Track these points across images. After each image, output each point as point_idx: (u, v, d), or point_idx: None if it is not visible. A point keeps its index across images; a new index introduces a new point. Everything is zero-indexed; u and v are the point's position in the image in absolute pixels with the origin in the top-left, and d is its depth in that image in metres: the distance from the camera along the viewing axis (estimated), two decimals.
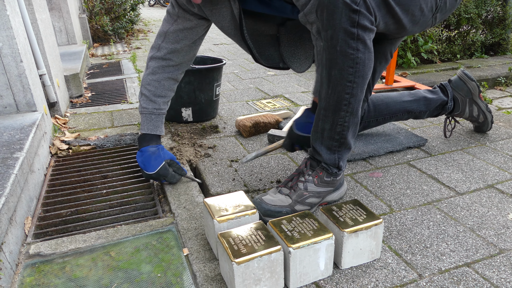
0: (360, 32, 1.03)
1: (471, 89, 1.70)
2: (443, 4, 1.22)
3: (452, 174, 1.47)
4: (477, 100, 1.72)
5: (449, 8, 1.26)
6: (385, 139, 1.74)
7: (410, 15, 1.14)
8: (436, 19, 1.26)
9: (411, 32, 1.25)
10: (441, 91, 1.72)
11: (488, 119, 1.76)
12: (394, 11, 1.09)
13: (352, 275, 1.00)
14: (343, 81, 1.09)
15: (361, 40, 1.04)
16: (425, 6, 1.16)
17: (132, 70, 3.32)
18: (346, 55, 1.05)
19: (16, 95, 1.59)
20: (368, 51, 1.06)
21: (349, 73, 1.07)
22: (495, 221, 1.20)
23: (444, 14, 1.27)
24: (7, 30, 1.49)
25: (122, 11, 5.11)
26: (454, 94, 1.71)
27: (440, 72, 3.20)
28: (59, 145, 1.75)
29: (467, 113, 1.73)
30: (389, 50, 1.44)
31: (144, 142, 1.40)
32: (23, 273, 1.02)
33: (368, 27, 1.04)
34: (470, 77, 1.70)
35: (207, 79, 1.93)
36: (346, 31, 1.03)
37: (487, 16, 3.74)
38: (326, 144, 1.19)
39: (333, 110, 1.14)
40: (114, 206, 1.34)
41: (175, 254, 1.08)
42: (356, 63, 1.06)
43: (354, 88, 1.10)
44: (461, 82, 1.70)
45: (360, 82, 1.09)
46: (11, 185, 1.09)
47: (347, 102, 1.11)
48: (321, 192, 1.23)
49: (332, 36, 1.05)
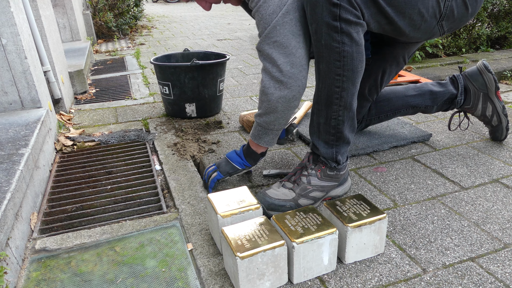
0: (343, 26, 1.04)
1: (486, 81, 1.55)
2: (450, 12, 1.17)
3: (456, 169, 1.47)
4: (492, 98, 1.57)
5: (458, 17, 1.20)
6: (389, 134, 1.73)
7: (408, 18, 1.12)
8: (444, 27, 1.21)
9: (415, 37, 1.23)
10: (451, 83, 1.61)
11: (503, 124, 1.60)
12: (385, 11, 1.08)
13: (356, 269, 1.00)
14: (331, 74, 1.10)
15: (345, 33, 1.04)
16: (425, 11, 1.13)
17: (136, 66, 3.33)
18: (331, 48, 1.06)
19: (21, 92, 1.60)
20: (355, 45, 1.06)
21: (337, 66, 1.08)
22: (500, 216, 1.19)
23: (453, 23, 1.22)
24: (12, 27, 1.49)
25: (126, 7, 5.10)
26: (466, 84, 1.58)
27: (445, 66, 3.18)
28: (64, 141, 1.76)
29: (479, 109, 1.59)
30: (401, 55, 1.42)
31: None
32: (29, 268, 1.03)
33: (353, 21, 1.04)
34: (488, 69, 1.55)
35: (210, 74, 1.93)
36: (329, 25, 1.04)
37: (493, 9, 3.70)
38: (324, 138, 1.20)
39: (325, 104, 1.15)
40: (119, 202, 1.35)
41: (179, 249, 1.09)
42: (343, 56, 1.06)
43: (344, 82, 1.10)
44: (477, 72, 1.57)
45: (350, 75, 1.09)
46: (16, 181, 1.10)
47: (338, 95, 1.12)
48: (325, 186, 1.23)
49: (316, 30, 1.07)
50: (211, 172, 1.34)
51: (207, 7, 1.29)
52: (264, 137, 1.28)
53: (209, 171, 1.35)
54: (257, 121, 1.26)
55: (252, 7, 1.11)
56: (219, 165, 1.34)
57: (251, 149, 1.33)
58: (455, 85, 1.60)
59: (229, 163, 1.34)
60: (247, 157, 1.33)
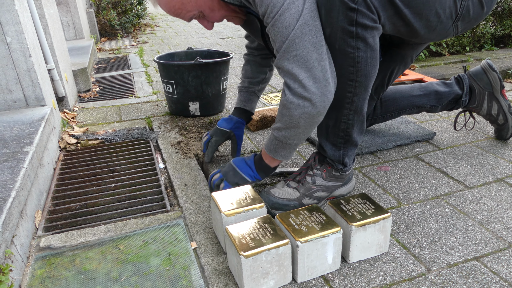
0: (359, 31, 1.00)
1: (491, 80, 1.54)
2: (466, 12, 1.12)
3: (461, 168, 1.46)
4: (498, 97, 1.56)
5: (473, 17, 1.16)
6: (393, 133, 1.72)
7: (425, 19, 1.08)
8: (458, 27, 1.17)
9: (428, 38, 1.18)
10: (457, 83, 1.60)
11: (509, 122, 1.59)
12: (402, 13, 1.04)
13: (360, 268, 1.00)
14: (344, 80, 1.06)
15: (361, 38, 1.01)
16: (442, 11, 1.08)
17: (139, 65, 3.33)
18: (345, 53, 1.03)
19: (25, 90, 1.61)
20: (370, 50, 1.03)
21: (350, 72, 1.05)
22: (504, 215, 1.19)
23: (468, 23, 1.17)
24: (16, 25, 1.50)
25: (129, 6, 5.11)
26: (471, 84, 1.57)
27: (449, 64, 3.16)
28: (68, 139, 1.76)
29: (485, 109, 1.59)
30: (409, 55, 1.40)
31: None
32: (34, 266, 1.04)
33: (369, 25, 1.00)
34: (492, 67, 1.55)
35: (214, 73, 1.93)
36: (344, 30, 1.00)
37: (497, 8, 3.67)
38: (331, 140, 1.18)
39: (335, 107, 1.11)
40: (123, 200, 1.35)
41: (183, 247, 1.09)
42: (357, 62, 1.03)
43: (357, 87, 1.07)
44: (481, 71, 1.56)
45: (363, 81, 1.07)
46: (21, 178, 1.10)
47: (349, 100, 1.09)
48: (329, 186, 1.22)
49: (330, 34, 1.02)
50: (218, 181, 1.26)
51: (209, 26, 1.21)
52: (281, 151, 1.18)
53: (215, 180, 1.27)
54: (274, 134, 1.16)
55: (267, 23, 1.03)
56: (226, 174, 1.25)
57: (264, 163, 1.24)
58: (460, 85, 1.60)
59: (238, 173, 1.24)
60: (259, 170, 1.24)
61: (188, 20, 1.16)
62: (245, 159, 1.27)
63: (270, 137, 1.19)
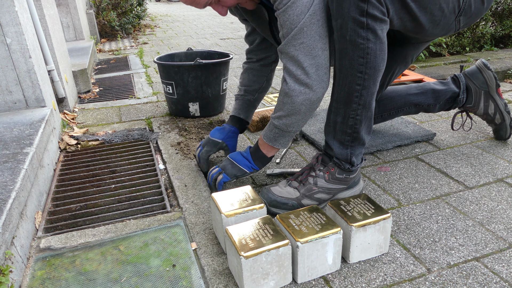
0: (369, 22, 1.02)
1: (487, 79, 1.56)
2: (468, 7, 1.16)
3: (461, 168, 1.46)
4: (494, 95, 1.58)
5: (474, 12, 1.19)
6: (393, 133, 1.73)
7: (429, 14, 1.11)
8: (460, 22, 1.20)
9: (432, 34, 1.21)
10: (453, 82, 1.62)
11: (506, 121, 1.60)
12: (409, 7, 1.07)
13: (360, 269, 1.00)
14: (353, 71, 1.08)
15: (371, 30, 1.03)
16: (445, 6, 1.12)
17: (139, 65, 3.33)
18: (355, 44, 1.05)
19: (25, 91, 1.61)
20: (379, 42, 1.05)
21: (360, 63, 1.06)
22: (504, 215, 1.19)
23: (469, 18, 1.21)
24: (16, 26, 1.50)
25: (129, 6, 5.11)
26: (467, 84, 1.59)
27: (448, 65, 3.16)
28: (68, 140, 1.76)
29: (481, 108, 1.59)
30: (410, 55, 1.41)
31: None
32: (34, 267, 1.04)
33: (379, 17, 1.03)
34: (487, 66, 1.56)
35: (214, 73, 1.93)
36: (355, 20, 1.02)
37: (497, 8, 3.68)
38: (339, 138, 1.19)
39: (344, 102, 1.13)
40: (123, 201, 1.35)
41: (183, 248, 1.09)
42: (366, 53, 1.05)
43: (366, 80, 1.09)
44: (477, 71, 1.58)
45: (372, 73, 1.08)
46: (21, 180, 1.10)
47: (358, 94, 1.10)
48: (332, 189, 1.22)
49: (341, 25, 1.05)
50: (216, 175, 1.31)
51: (223, 12, 1.23)
52: (280, 139, 1.24)
53: (213, 174, 1.32)
54: (275, 123, 1.21)
55: (278, 8, 1.08)
56: (225, 168, 1.30)
57: (261, 153, 1.29)
58: (457, 84, 1.61)
59: (236, 165, 1.29)
60: (256, 160, 1.29)
61: (202, 6, 1.19)
62: (241, 152, 1.33)
63: (269, 126, 1.25)
